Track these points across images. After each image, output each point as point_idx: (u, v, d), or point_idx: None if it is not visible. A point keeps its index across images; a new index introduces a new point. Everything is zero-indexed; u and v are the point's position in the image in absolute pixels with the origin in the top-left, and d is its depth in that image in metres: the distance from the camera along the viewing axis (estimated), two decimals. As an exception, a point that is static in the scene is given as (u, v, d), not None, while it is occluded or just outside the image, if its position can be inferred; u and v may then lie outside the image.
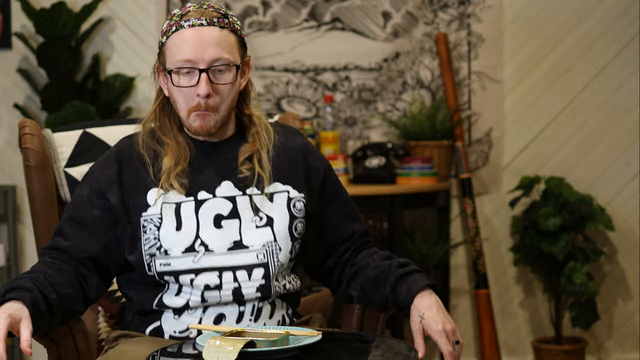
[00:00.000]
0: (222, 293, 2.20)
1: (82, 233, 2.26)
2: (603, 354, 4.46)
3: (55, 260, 2.24)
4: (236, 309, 2.22)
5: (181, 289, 2.23)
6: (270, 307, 2.26)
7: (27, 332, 2.01)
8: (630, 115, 4.40)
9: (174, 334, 2.24)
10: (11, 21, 4.23)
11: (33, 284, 2.10)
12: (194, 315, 2.22)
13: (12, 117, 4.25)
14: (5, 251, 4.15)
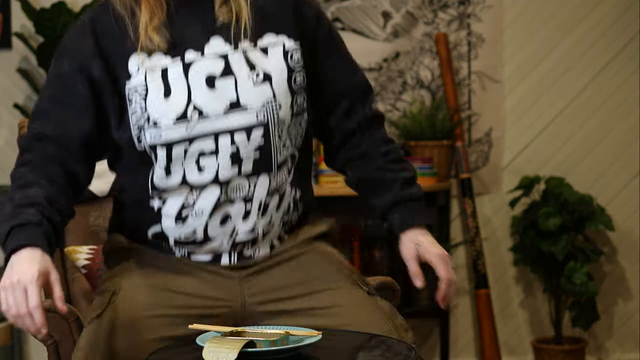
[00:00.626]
0: (219, 158, 2.06)
1: (67, 113, 2.09)
2: (603, 354, 4.46)
3: (42, 160, 2.07)
4: (242, 208, 2.10)
5: (170, 165, 2.08)
6: (279, 198, 2.14)
7: (57, 286, 1.91)
8: (630, 115, 4.40)
9: (179, 238, 2.13)
10: (11, 21, 4.23)
11: (39, 213, 1.96)
12: (199, 218, 2.10)
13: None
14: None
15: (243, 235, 2.13)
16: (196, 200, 2.10)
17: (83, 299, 2.73)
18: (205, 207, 2.10)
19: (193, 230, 2.12)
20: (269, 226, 2.15)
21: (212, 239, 2.12)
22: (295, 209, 2.22)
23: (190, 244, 2.15)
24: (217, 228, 2.11)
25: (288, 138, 2.15)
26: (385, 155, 2.25)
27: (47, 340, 2.37)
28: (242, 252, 2.15)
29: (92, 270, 2.63)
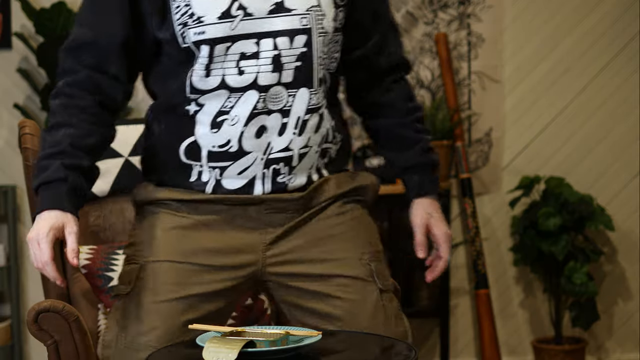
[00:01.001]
0: (260, 61, 2.05)
1: (103, 17, 2.10)
2: (603, 354, 4.46)
3: (76, 88, 2.10)
4: (279, 121, 2.08)
5: (211, 65, 2.07)
6: (319, 119, 2.12)
7: (71, 238, 1.99)
8: (630, 115, 4.40)
9: (212, 148, 2.11)
10: (11, 21, 4.23)
11: (63, 167, 2.04)
12: (235, 127, 2.08)
13: (12, 117, 4.25)
14: (5, 251, 4.15)
15: (278, 152, 2.10)
16: (234, 105, 2.08)
17: (83, 299, 2.73)
18: (242, 114, 2.07)
19: (227, 140, 2.09)
20: (305, 148, 2.12)
21: (246, 152, 2.09)
22: (333, 140, 2.19)
23: (223, 159, 2.11)
24: (252, 140, 2.08)
25: (327, 55, 2.12)
26: (410, 113, 2.26)
27: (47, 341, 2.37)
28: (276, 178, 2.12)
29: (92, 270, 2.63)
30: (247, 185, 2.12)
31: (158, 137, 2.20)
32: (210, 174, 2.13)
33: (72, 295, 2.74)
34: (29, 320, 2.38)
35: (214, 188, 2.13)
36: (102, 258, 2.65)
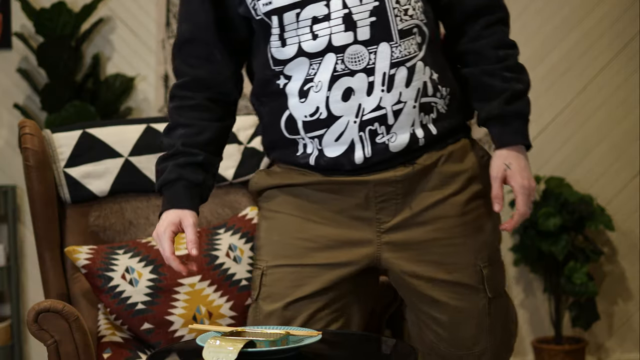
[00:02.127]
0: (331, 22, 2.03)
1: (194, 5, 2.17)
2: (603, 354, 4.46)
3: (190, 86, 2.20)
4: (364, 80, 2.05)
5: (284, 34, 2.07)
6: (407, 72, 2.06)
7: (188, 231, 2.14)
8: (630, 115, 4.40)
9: (305, 118, 2.10)
10: (11, 21, 4.23)
11: (177, 168, 2.15)
12: (320, 92, 2.07)
13: (12, 117, 4.25)
14: (5, 251, 4.15)
15: (370, 112, 2.06)
16: (317, 71, 2.07)
17: (83, 299, 2.73)
18: (324, 79, 2.06)
19: (316, 107, 2.08)
20: (399, 104, 2.07)
21: (337, 117, 2.07)
22: (436, 93, 2.12)
23: (317, 127, 2.09)
24: (340, 103, 2.06)
25: (408, 4, 2.08)
26: (500, 61, 2.17)
27: (48, 341, 2.37)
28: (375, 139, 2.08)
29: (92, 270, 2.63)
30: (348, 151, 2.09)
31: (263, 117, 2.24)
32: (312, 145, 2.13)
33: (72, 295, 2.75)
34: (29, 320, 2.38)
35: (316, 158, 2.13)
36: (102, 258, 2.65)
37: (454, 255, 2.15)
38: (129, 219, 2.84)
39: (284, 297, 2.16)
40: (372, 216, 2.12)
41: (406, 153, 2.10)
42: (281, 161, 2.22)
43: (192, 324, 2.57)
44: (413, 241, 2.13)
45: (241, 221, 2.81)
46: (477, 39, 2.15)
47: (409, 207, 2.12)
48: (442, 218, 2.14)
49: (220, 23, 2.16)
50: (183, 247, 2.73)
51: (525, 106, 2.19)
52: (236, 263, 2.72)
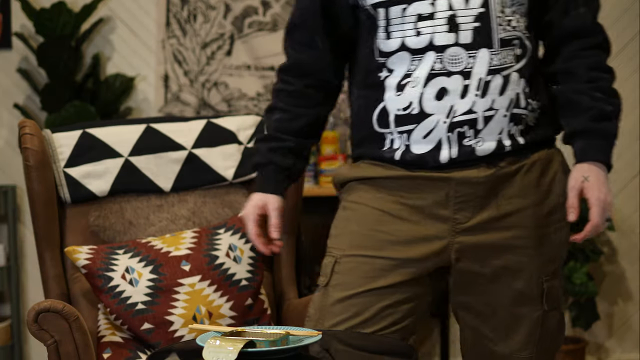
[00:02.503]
0: (435, 21, 2.07)
1: None
2: (603, 354, 4.46)
3: (285, 74, 2.27)
4: (460, 83, 2.08)
5: (389, 27, 2.12)
6: (502, 80, 2.09)
7: (273, 214, 2.25)
8: (630, 115, 4.40)
9: (397, 112, 2.13)
10: (11, 21, 4.23)
11: (269, 152, 2.25)
12: (415, 88, 2.10)
13: (12, 117, 4.25)
14: (5, 251, 4.15)
15: (461, 115, 2.09)
16: (416, 68, 2.10)
17: (83, 299, 2.73)
18: (421, 75, 2.09)
19: (409, 102, 2.11)
20: (490, 111, 2.09)
21: (428, 114, 2.10)
22: (527, 106, 2.14)
23: (407, 122, 2.12)
24: (433, 101, 2.09)
25: (512, 15, 2.11)
26: (592, 81, 2.18)
27: (48, 341, 2.37)
28: (462, 141, 2.10)
29: (92, 270, 2.63)
30: (434, 149, 2.12)
31: (355, 111, 2.26)
32: (400, 141, 2.15)
33: (72, 295, 2.74)
34: (29, 320, 2.38)
35: (402, 154, 2.15)
36: (102, 258, 2.65)
37: (521, 264, 2.17)
38: (129, 219, 2.84)
39: (355, 287, 2.16)
40: (449, 215, 2.14)
41: (491, 157, 2.13)
42: (367, 157, 2.23)
43: (192, 324, 2.56)
44: (485, 245, 2.15)
45: (241, 221, 2.81)
46: (572, 59, 2.17)
47: (487, 210, 2.14)
48: (518, 227, 2.15)
49: (327, 11, 2.21)
50: (183, 246, 2.73)
51: (613, 128, 2.22)
52: (236, 263, 2.72)
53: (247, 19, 4.25)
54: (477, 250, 2.15)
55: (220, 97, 4.23)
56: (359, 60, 2.23)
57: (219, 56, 4.24)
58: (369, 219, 2.19)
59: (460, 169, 2.12)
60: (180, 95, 4.25)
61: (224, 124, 2.98)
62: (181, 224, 2.86)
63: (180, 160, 2.89)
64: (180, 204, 2.89)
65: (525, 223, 2.15)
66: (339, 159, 4.07)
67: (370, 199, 2.20)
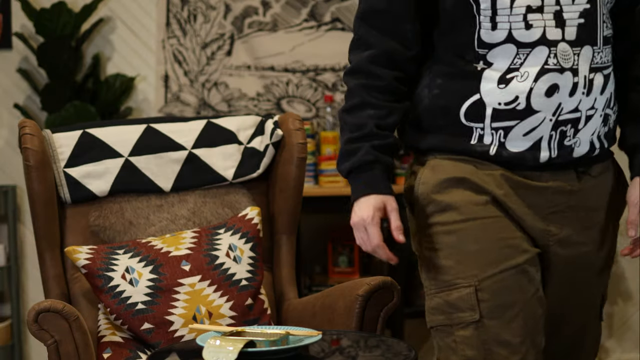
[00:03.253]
0: (544, 15, 1.98)
1: None
2: (603, 354, 4.46)
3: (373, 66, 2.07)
4: (570, 80, 2.00)
5: (495, 18, 2.01)
6: (603, 79, 2.04)
7: (394, 216, 2.04)
8: (630, 115, 4.40)
9: (498, 106, 2.02)
10: (11, 21, 4.23)
11: (372, 149, 2.05)
12: (524, 83, 2.00)
13: (12, 117, 4.25)
14: (5, 251, 4.15)
15: (567, 113, 2.01)
16: (523, 62, 2.01)
17: (83, 299, 2.73)
18: (532, 69, 2.00)
19: (515, 97, 2.00)
20: (592, 110, 2.04)
21: (535, 111, 2.01)
22: (614, 107, 2.10)
23: (509, 118, 2.01)
24: (542, 98, 2.00)
25: (608, 14, 2.06)
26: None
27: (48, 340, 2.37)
28: (563, 141, 2.03)
29: (92, 270, 2.63)
30: (533, 147, 2.03)
31: (430, 102, 2.11)
32: (492, 137, 2.04)
33: (73, 295, 2.75)
34: (29, 320, 2.38)
35: (497, 150, 2.04)
36: (102, 258, 2.65)
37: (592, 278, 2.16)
38: (129, 219, 2.84)
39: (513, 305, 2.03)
40: (543, 227, 2.07)
41: (583, 160, 2.08)
42: (446, 150, 2.09)
43: (192, 324, 2.56)
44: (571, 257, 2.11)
45: (241, 221, 2.81)
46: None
47: (575, 221, 2.10)
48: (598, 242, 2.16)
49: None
50: (183, 246, 2.73)
51: None
52: (236, 263, 2.72)
53: (247, 19, 4.25)
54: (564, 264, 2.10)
55: (221, 97, 4.23)
56: (445, 48, 2.09)
57: (219, 56, 4.24)
58: (484, 232, 2.04)
59: (556, 178, 2.06)
60: (180, 95, 4.25)
61: (224, 124, 2.98)
62: (181, 224, 2.86)
63: (181, 160, 2.89)
64: (180, 204, 2.89)
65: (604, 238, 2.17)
66: (339, 159, 4.07)
67: (473, 208, 2.05)
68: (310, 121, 4.21)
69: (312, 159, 3.98)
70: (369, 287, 2.52)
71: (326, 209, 3.89)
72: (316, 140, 4.12)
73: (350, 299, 2.52)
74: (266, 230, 2.91)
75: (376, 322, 2.52)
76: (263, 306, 2.72)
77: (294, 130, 2.93)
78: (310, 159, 3.95)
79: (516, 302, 2.01)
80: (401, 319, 3.96)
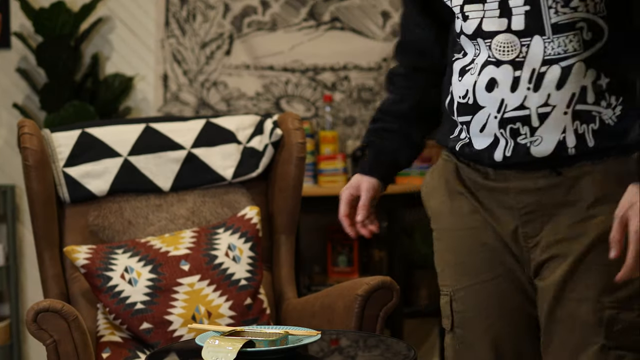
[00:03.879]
0: (485, 7, 1.85)
1: None
2: (602, 354, 4.46)
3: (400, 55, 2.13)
4: (510, 74, 1.84)
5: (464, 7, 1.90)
6: (561, 72, 1.82)
7: (362, 195, 2.11)
8: (629, 114, 4.40)
9: (458, 99, 1.94)
10: (10, 21, 4.23)
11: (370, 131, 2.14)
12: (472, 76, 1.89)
13: (12, 117, 4.25)
14: (5, 251, 4.15)
15: (512, 110, 1.85)
16: (479, 54, 1.90)
17: (82, 299, 2.73)
18: (479, 63, 1.89)
19: (466, 91, 1.91)
20: (546, 107, 1.83)
21: (481, 106, 1.88)
22: (601, 101, 1.84)
23: (465, 112, 1.92)
24: (484, 92, 1.88)
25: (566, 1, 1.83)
26: None
27: (47, 340, 2.37)
28: (517, 139, 1.86)
29: (91, 270, 2.63)
30: (491, 145, 1.90)
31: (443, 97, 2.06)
32: (463, 132, 1.96)
33: (72, 295, 2.74)
34: (28, 320, 2.38)
35: (462, 146, 1.96)
36: (101, 258, 2.65)
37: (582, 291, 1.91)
38: (128, 218, 2.84)
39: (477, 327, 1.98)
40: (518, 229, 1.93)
41: (551, 160, 1.88)
42: (441, 143, 2.06)
43: (191, 323, 2.56)
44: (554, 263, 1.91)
45: (240, 221, 2.81)
46: None
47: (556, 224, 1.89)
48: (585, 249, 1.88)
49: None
50: (183, 246, 2.73)
51: None
52: (235, 263, 2.72)
53: (246, 18, 4.25)
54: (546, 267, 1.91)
55: (220, 97, 4.23)
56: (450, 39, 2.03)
57: (218, 56, 4.24)
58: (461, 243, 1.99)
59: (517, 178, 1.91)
60: (179, 94, 4.24)
61: (223, 123, 2.97)
62: (180, 223, 2.86)
63: (180, 159, 2.89)
64: (179, 203, 2.89)
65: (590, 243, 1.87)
66: (338, 158, 4.06)
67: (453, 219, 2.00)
68: (310, 121, 4.21)
69: (311, 159, 3.98)
70: (368, 286, 2.52)
71: (325, 208, 3.89)
72: (315, 140, 4.12)
73: (350, 298, 2.52)
74: (265, 229, 2.91)
75: (375, 322, 2.52)
76: (262, 306, 2.72)
77: (293, 129, 2.93)
78: (310, 159, 3.95)
79: (489, 314, 1.94)
80: (400, 318, 3.96)
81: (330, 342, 2.05)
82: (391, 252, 4.02)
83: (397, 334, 3.96)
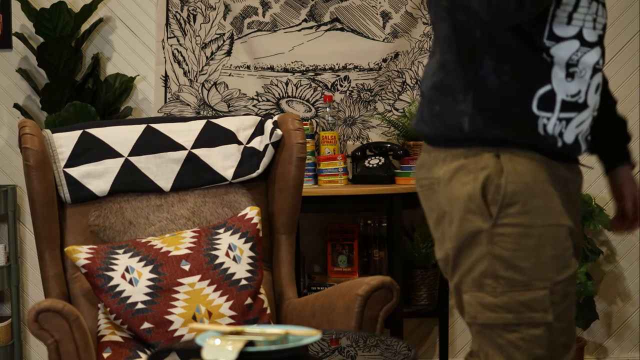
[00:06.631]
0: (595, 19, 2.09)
1: None
2: (602, 354, 4.47)
3: None
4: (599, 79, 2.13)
5: (573, 14, 2.05)
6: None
7: None
8: (629, 115, 4.40)
9: (566, 97, 2.07)
10: (11, 21, 4.23)
11: None
12: (583, 79, 2.07)
13: (12, 117, 4.25)
14: (5, 251, 4.16)
15: (596, 110, 2.16)
16: (580, 59, 2.07)
17: (83, 299, 2.74)
18: (588, 68, 2.09)
19: (578, 90, 2.08)
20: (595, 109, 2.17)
21: (587, 106, 2.11)
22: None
23: (571, 109, 2.07)
24: (593, 94, 2.11)
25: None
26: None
27: (48, 340, 2.38)
28: (587, 136, 2.17)
29: (92, 270, 2.63)
30: (578, 138, 2.13)
31: (499, 89, 2.06)
32: (556, 127, 2.08)
33: (72, 295, 2.75)
34: (29, 320, 2.38)
35: (559, 140, 2.09)
36: (102, 258, 2.66)
37: None
38: (129, 218, 2.84)
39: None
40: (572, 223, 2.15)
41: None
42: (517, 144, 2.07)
43: (192, 323, 2.57)
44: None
45: (241, 221, 2.81)
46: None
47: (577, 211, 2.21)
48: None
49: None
50: (183, 246, 2.73)
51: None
52: (236, 263, 2.72)
53: (246, 19, 4.25)
54: None
55: (220, 97, 4.24)
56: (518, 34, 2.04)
57: (218, 56, 4.24)
58: (557, 238, 2.07)
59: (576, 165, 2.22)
60: (180, 95, 4.25)
61: (224, 124, 2.98)
62: (181, 223, 2.87)
63: (180, 160, 2.89)
64: (180, 203, 2.90)
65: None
66: (338, 158, 4.07)
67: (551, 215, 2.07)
68: (310, 121, 4.21)
69: (311, 159, 3.98)
70: (369, 286, 2.52)
71: (325, 208, 3.90)
72: (315, 140, 4.13)
73: (350, 298, 2.53)
74: (266, 229, 2.92)
75: (375, 322, 2.52)
76: (262, 306, 2.73)
77: (293, 130, 2.94)
78: (310, 159, 3.96)
79: (571, 306, 2.08)
80: (400, 318, 3.96)
81: (330, 341, 2.05)
82: (391, 252, 4.03)
83: (397, 334, 3.96)
